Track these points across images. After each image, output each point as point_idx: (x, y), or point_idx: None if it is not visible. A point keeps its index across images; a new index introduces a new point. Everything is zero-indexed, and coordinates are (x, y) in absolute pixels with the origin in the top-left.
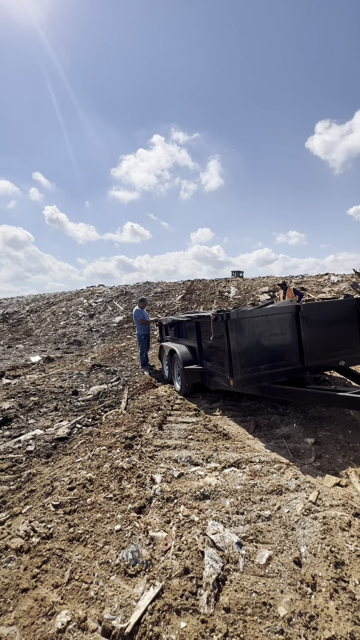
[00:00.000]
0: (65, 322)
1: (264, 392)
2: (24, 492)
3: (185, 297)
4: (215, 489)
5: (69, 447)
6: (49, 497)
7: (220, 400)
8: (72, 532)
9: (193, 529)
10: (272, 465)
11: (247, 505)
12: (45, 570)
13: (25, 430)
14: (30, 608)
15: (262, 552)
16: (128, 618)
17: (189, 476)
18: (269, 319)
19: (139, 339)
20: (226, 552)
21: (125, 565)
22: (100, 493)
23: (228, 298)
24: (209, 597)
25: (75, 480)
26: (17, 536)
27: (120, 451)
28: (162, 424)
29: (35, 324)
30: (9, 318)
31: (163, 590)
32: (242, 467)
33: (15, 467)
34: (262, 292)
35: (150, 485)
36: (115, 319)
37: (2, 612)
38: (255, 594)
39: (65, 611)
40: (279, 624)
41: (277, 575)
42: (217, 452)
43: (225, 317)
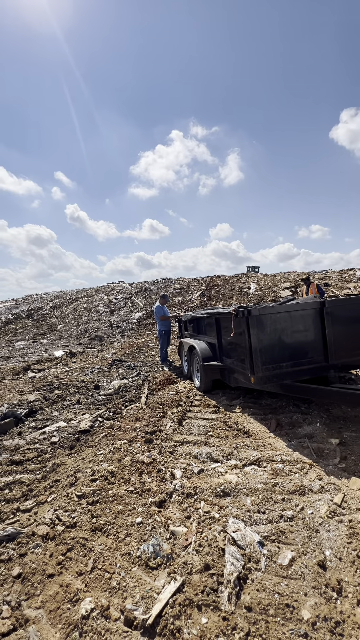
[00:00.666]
0: (86, 318)
1: (285, 390)
2: (49, 481)
3: (205, 294)
4: (236, 487)
5: (91, 440)
6: (73, 488)
7: (240, 397)
8: (94, 522)
9: (214, 526)
10: (294, 465)
11: (268, 505)
12: (69, 558)
13: (49, 422)
14: (55, 593)
15: (285, 553)
16: (150, 610)
17: (209, 473)
18: (292, 315)
19: (159, 334)
20: (247, 551)
21: (147, 558)
22: (122, 486)
23: (248, 294)
24: (230, 594)
25: (98, 472)
26: (43, 523)
27: (140, 445)
28: (181, 419)
29: (58, 319)
30: (34, 314)
31: (184, 585)
32: (263, 465)
33: (40, 457)
34: (283, 288)
35: (170, 480)
36: (135, 315)
37: (30, 595)
38: (277, 595)
39: (89, 598)
40: (302, 627)
41: (300, 578)
42: (237, 449)
43: (246, 313)
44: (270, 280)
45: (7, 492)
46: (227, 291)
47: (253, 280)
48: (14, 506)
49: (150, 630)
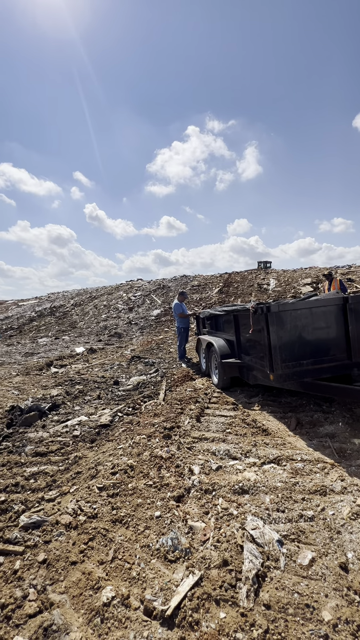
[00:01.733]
0: (106, 315)
1: (306, 389)
2: (71, 473)
3: (223, 290)
4: (255, 485)
5: (111, 434)
6: (94, 480)
7: (259, 395)
8: (115, 514)
9: (232, 523)
10: (315, 465)
11: (288, 504)
12: (91, 547)
13: (71, 416)
14: (78, 580)
15: (305, 553)
16: (168, 601)
17: (227, 469)
18: (313, 311)
19: (178, 331)
20: (266, 549)
21: (165, 551)
22: (141, 480)
23: (267, 290)
24: (248, 591)
25: (118, 465)
26: (66, 513)
27: (159, 440)
28: (199, 416)
29: (79, 317)
30: (56, 311)
31: (202, 579)
32: (283, 464)
33: (63, 449)
34: (304, 284)
35: (188, 475)
36: (153, 312)
37: (55, 580)
38: (297, 595)
39: (110, 587)
40: (323, 628)
41: (321, 579)
42: (256, 447)
43: (265, 309)
44: (291, 276)
45: (32, 482)
46: (246, 288)
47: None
48: (39, 495)
49: (169, 621)
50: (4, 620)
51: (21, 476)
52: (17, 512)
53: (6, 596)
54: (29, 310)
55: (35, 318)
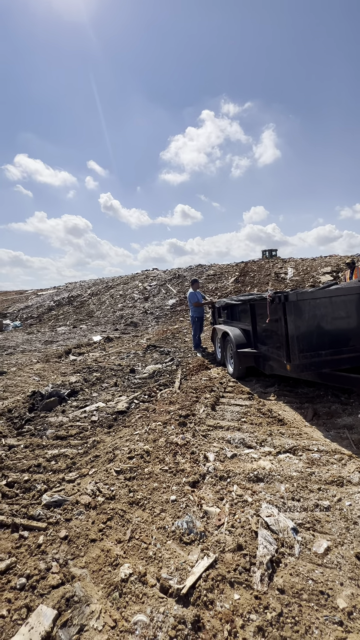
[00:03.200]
0: (122, 305)
1: (324, 379)
2: (90, 456)
3: (239, 280)
4: (270, 473)
5: (128, 420)
6: (112, 463)
7: (275, 385)
8: (132, 496)
9: (246, 509)
10: (332, 456)
11: (303, 493)
12: (109, 527)
13: (89, 402)
14: (97, 556)
15: (320, 542)
16: (184, 581)
17: (242, 458)
18: (333, 300)
19: (192, 321)
20: (280, 536)
21: (181, 533)
22: (157, 465)
23: (285, 280)
24: (262, 575)
25: (134, 450)
26: (85, 494)
27: (174, 427)
28: (214, 404)
29: (96, 306)
30: (74, 301)
31: (217, 562)
32: (299, 454)
33: (82, 434)
34: (324, 273)
35: (203, 462)
36: (168, 301)
37: (75, 555)
38: (311, 582)
39: (127, 564)
40: (338, 615)
41: (336, 567)
42: (271, 436)
43: (283, 299)
44: (309, 265)
45: (54, 464)
46: (263, 277)
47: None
48: (60, 476)
49: (184, 599)
50: (30, 589)
51: (43, 458)
52: (40, 491)
53: (31, 567)
54: (47, 300)
55: (54, 307)
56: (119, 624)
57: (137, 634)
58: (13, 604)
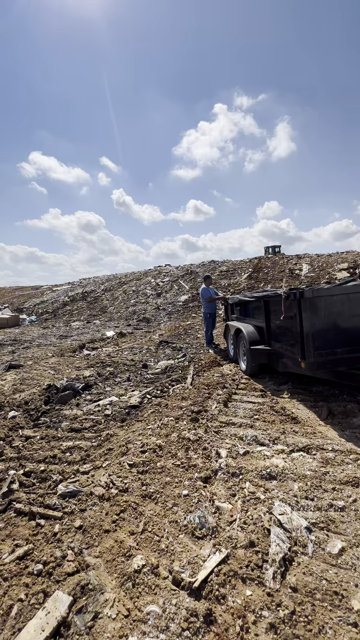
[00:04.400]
0: (135, 301)
1: (340, 378)
2: (103, 449)
3: (252, 276)
4: (283, 471)
5: (140, 415)
6: (125, 457)
7: (289, 383)
8: (144, 489)
9: (259, 506)
10: (347, 455)
11: (317, 493)
12: (122, 518)
13: (103, 396)
14: (111, 547)
15: (335, 542)
16: (196, 574)
17: (255, 455)
18: (351, 297)
19: (204, 317)
20: (294, 535)
21: (193, 528)
22: (169, 459)
23: (299, 276)
24: (275, 573)
25: (147, 444)
26: (99, 485)
27: (187, 423)
28: (227, 401)
29: (109, 302)
30: (87, 296)
31: (229, 557)
32: (313, 453)
33: (96, 427)
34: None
35: (215, 458)
36: (180, 297)
37: (90, 545)
38: (325, 582)
39: (140, 556)
40: (352, 616)
41: (351, 568)
42: (284, 434)
43: (298, 295)
44: (325, 261)
45: (69, 455)
46: (277, 273)
47: (305, 261)
48: (75, 468)
49: (196, 593)
50: (46, 575)
51: (58, 449)
52: (56, 482)
53: (47, 555)
54: (62, 295)
55: (69, 303)
56: (132, 613)
57: (149, 624)
58: (31, 589)
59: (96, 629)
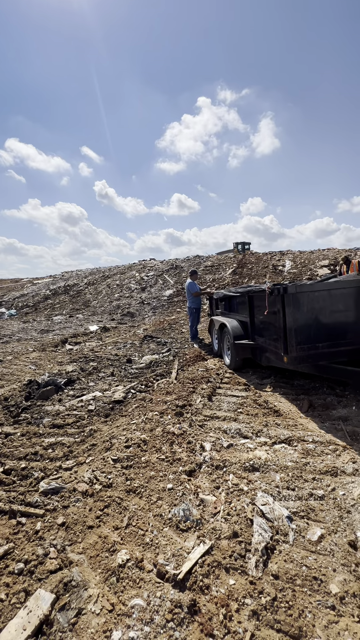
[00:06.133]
0: (119, 295)
1: (320, 372)
2: (87, 445)
3: (237, 271)
4: (265, 463)
5: (125, 410)
6: (109, 452)
7: (272, 376)
8: (129, 484)
9: (242, 498)
10: (326, 446)
11: (298, 483)
12: (106, 514)
13: (86, 391)
14: (95, 542)
15: (314, 530)
16: (180, 566)
17: (238, 448)
18: (332, 293)
19: (189, 312)
20: (275, 524)
21: (177, 521)
22: (154, 454)
23: (282, 272)
24: (257, 562)
25: (131, 439)
26: (82, 482)
27: (171, 417)
28: (211, 395)
29: (92, 295)
30: (70, 290)
31: (212, 548)
32: (294, 444)
33: (79, 422)
34: (321, 266)
35: (200, 451)
36: (165, 292)
37: (73, 542)
38: (305, 568)
39: (124, 550)
40: (330, 600)
41: (329, 554)
42: (267, 427)
43: (282, 291)
44: (307, 258)
45: (51, 452)
46: (260, 269)
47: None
48: (57, 464)
49: (180, 584)
50: (28, 574)
51: (40, 446)
52: (37, 479)
53: (29, 553)
54: (43, 289)
55: (50, 296)
56: (116, 607)
57: (134, 617)
58: (11, 588)
59: (80, 625)
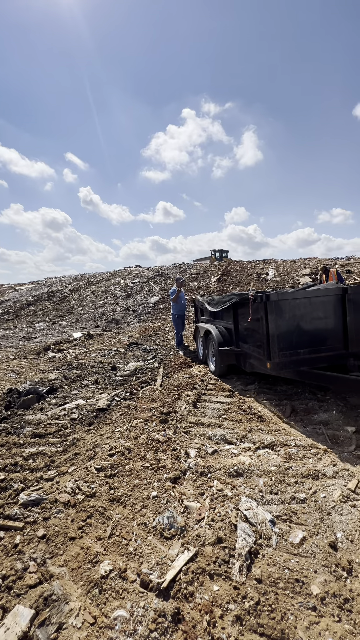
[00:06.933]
0: (104, 302)
1: (302, 377)
2: (69, 454)
3: (221, 279)
4: (249, 468)
5: (109, 418)
6: (92, 461)
7: (255, 382)
8: (112, 493)
9: (226, 503)
10: (308, 450)
11: (281, 487)
12: (89, 524)
13: (69, 399)
14: (77, 554)
15: (296, 532)
16: (164, 575)
17: (223, 453)
18: (312, 301)
19: (173, 319)
20: (259, 528)
21: (161, 529)
22: (138, 461)
23: (266, 280)
24: (241, 567)
25: (115, 448)
26: (64, 492)
27: (156, 425)
28: (196, 402)
29: (76, 302)
30: (53, 296)
31: (197, 555)
32: (277, 449)
33: (61, 431)
34: (303, 275)
35: (184, 458)
36: (151, 299)
37: (54, 554)
38: (287, 570)
39: (107, 561)
40: (312, 601)
41: (310, 556)
42: (251, 432)
43: (264, 298)
44: (290, 266)
45: (31, 462)
46: (245, 277)
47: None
48: (38, 475)
49: (164, 593)
50: (5, 590)
51: (20, 456)
52: (17, 490)
53: (7, 568)
54: (25, 295)
55: (32, 302)
56: (98, 620)
57: (117, 629)
58: None
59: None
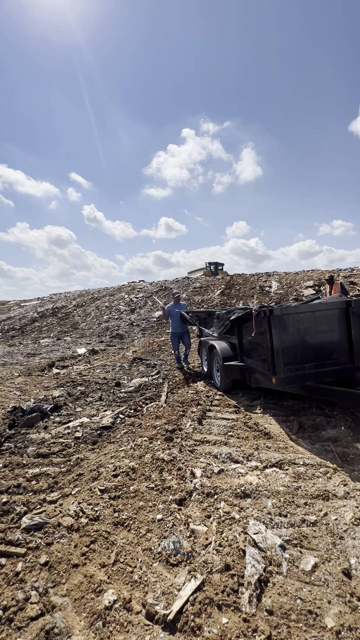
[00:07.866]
0: (108, 317)
1: (308, 392)
2: (73, 475)
3: (225, 292)
4: (257, 489)
5: (113, 436)
6: (96, 482)
7: (261, 398)
8: (117, 516)
9: (234, 527)
10: (317, 469)
11: (290, 508)
12: (93, 550)
13: (73, 417)
14: (80, 583)
15: (308, 559)
16: (170, 605)
17: (229, 473)
18: (316, 315)
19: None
20: (268, 554)
21: (167, 555)
22: (143, 482)
23: (269, 293)
24: (250, 596)
25: (119, 468)
26: (68, 515)
27: (161, 443)
28: (201, 418)
29: (81, 318)
30: (58, 312)
31: (204, 584)
32: (285, 468)
33: (65, 451)
34: (306, 287)
35: (190, 478)
36: (155, 313)
37: (56, 583)
38: (300, 601)
39: (111, 590)
40: (326, 635)
41: (323, 585)
42: (258, 450)
43: (268, 312)
44: (293, 279)
45: (35, 484)
46: (248, 290)
47: (275, 278)
48: (41, 497)
49: (171, 626)
50: (6, 622)
51: (23, 477)
52: (19, 514)
53: (8, 598)
54: (31, 311)
55: (37, 319)
56: None
57: None
58: None
59: None
